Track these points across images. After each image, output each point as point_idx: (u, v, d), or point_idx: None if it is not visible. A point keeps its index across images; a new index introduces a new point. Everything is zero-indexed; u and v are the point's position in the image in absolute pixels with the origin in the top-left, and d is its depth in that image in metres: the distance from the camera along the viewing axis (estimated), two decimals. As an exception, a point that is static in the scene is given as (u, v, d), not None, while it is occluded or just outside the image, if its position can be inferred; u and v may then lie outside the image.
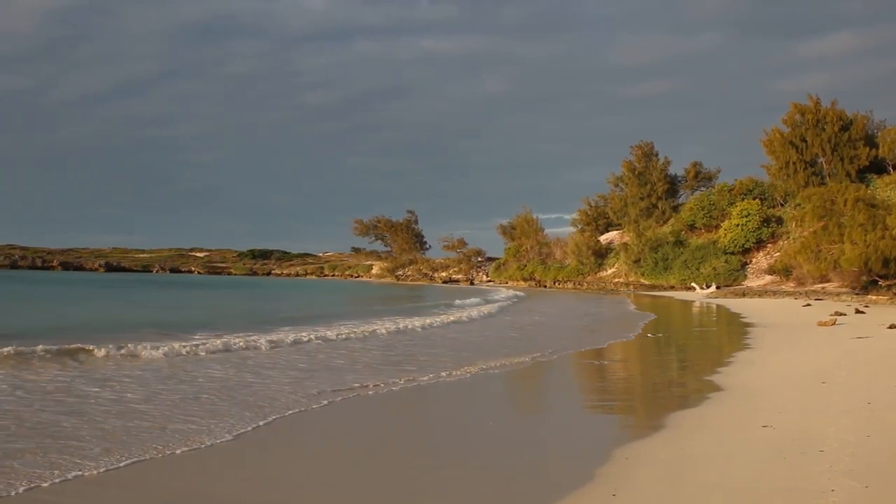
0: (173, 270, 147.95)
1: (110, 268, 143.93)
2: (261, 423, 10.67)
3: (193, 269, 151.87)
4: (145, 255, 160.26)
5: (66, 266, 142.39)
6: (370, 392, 13.44)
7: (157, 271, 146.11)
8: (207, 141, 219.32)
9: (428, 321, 29.22)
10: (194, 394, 12.67)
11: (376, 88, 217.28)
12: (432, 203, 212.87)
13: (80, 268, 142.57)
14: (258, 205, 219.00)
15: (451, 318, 31.70)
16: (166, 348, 17.73)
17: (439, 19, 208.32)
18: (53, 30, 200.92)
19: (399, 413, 12.42)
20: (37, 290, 60.97)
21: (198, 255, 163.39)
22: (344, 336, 22.76)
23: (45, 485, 7.65)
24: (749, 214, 72.48)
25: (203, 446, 9.30)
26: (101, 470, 8.18)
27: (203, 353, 17.78)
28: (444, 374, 15.65)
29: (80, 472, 8.03)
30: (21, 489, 7.50)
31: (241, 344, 19.38)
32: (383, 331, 25.00)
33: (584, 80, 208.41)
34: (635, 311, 41.55)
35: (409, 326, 26.91)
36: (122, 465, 8.41)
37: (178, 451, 9.01)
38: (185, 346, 18.05)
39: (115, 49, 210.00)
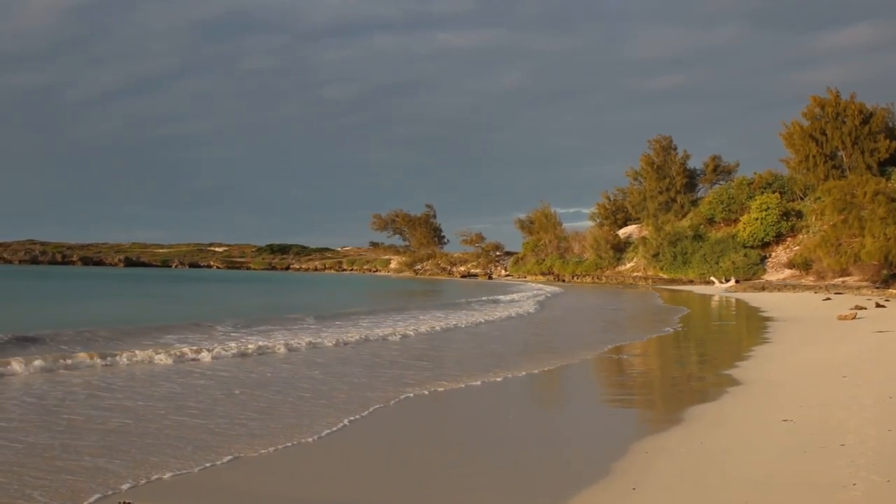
0: (192, 265, 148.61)
1: (130, 263, 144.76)
2: (346, 420, 10.65)
3: (212, 263, 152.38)
4: (164, 251, 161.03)
5: (85, 261, 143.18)
6: (428, 392, 13.36)
7: (176, 266, 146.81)
8: (226, 136, 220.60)
9: (471, 318, 28.75)
10: (262, 392, 12.61)
11: (394, 83, 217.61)
12: (450, 197, 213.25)
13: (100, 263, 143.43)
14: (276, 200, 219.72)
15: (495, 316, 31.12)
16: (215, 346, 17.58)
17: (456, 13, 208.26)
18: (71, 27, 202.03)
19: (435, 414, 12.39)
20: (66, 285, 60.65)
21: (217, 249, 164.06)
22: (399, 335, 22.04)
23: (142, 483, 7.62)
24: (768, 208, 72.14)
25: (289, 445, 9.25)
26: (197, 469, 8.16)
27: (265, 353, 17.53)
28: (490, 377, 15.07)
29: (177, 472, 7.99)
30: (125, 487, 7.47)
31: (298, 344, 19.02)
32: (429, 329, 24.58)
33: (602, 73, 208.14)
34: (666, 306, 41.87)
35: (455, 324, 26.40)
36: (218, 463, 8.40)
37: (270, 450, 8.99)
38: (228, 347, 17.70)
39: (132, 46, 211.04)
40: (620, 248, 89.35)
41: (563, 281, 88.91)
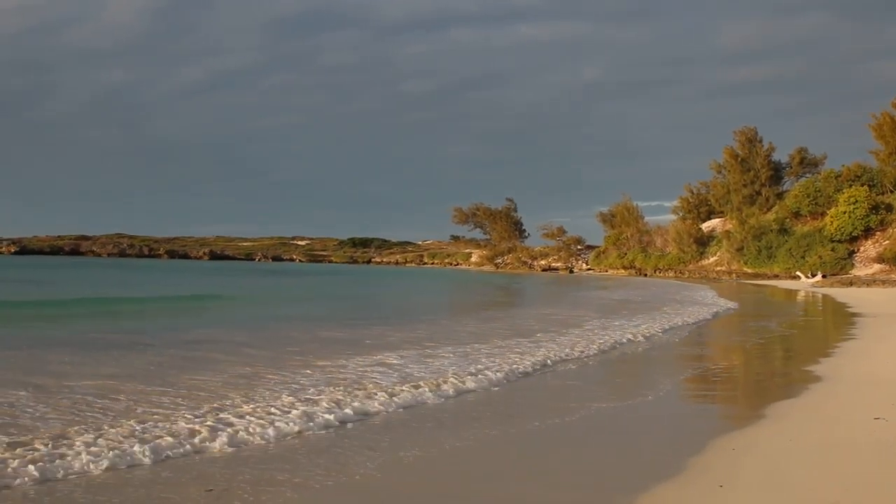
0: (275, 259, 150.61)
1: (214, 256, 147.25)
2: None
3: (295, 257, 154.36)
4: (248, 244, 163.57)
5: (171, 254, 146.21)
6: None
7: (259, 259, 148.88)
8: (306, 131, 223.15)
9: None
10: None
11: (473, 77, 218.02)
12: (530, 191, 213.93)
13: (186, 256, 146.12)
14: (357, 194, 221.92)
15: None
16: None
17: (535, 5, 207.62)
18: (156, 24, 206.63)
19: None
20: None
21: (299, 243, 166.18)
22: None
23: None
24: (857, 201, 70.57)
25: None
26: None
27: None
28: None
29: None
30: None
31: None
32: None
33: (685, 64, 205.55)
34: (782, 301, 41.95)
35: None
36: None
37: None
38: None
39: (215, 42, 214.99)
40: (703, 242, 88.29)
41: (645, 275, 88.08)
